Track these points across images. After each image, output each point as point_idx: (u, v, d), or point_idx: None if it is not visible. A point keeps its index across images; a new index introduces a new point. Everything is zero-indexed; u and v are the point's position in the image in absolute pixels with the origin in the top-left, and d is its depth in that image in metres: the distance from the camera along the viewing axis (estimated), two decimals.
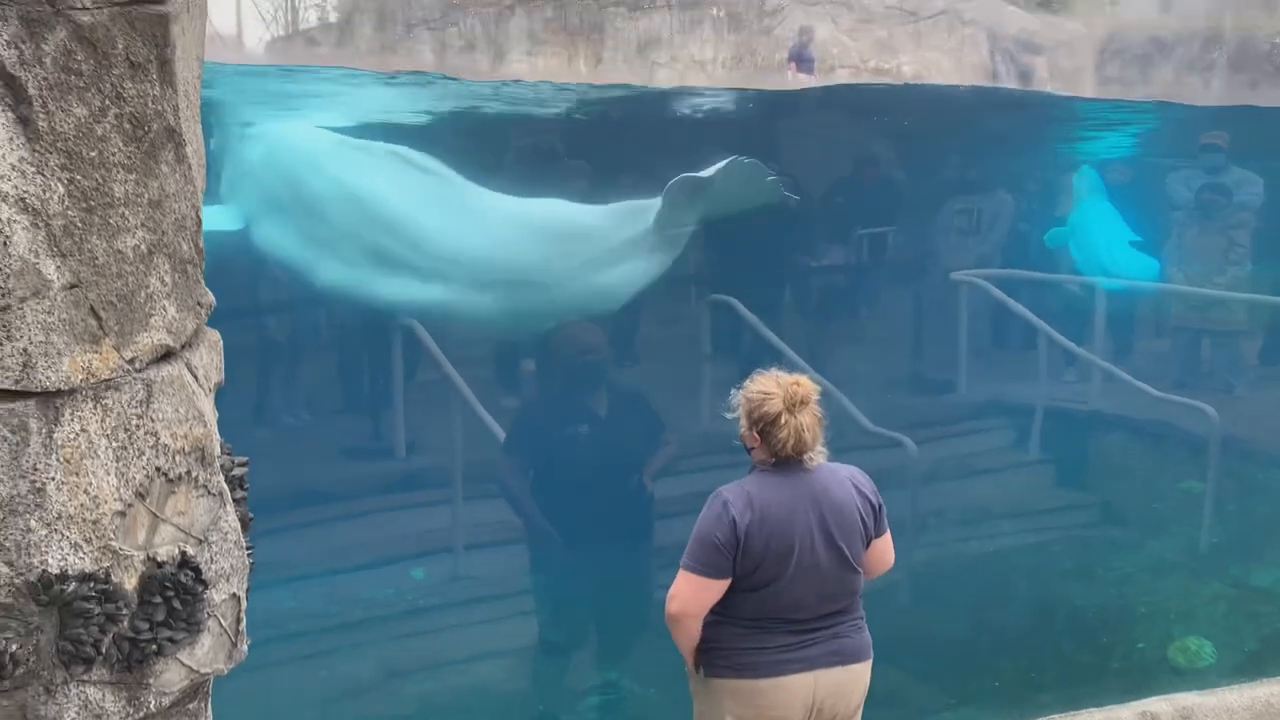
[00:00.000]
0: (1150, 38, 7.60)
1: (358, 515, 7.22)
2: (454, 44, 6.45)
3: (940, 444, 8.04)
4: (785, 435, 3.29)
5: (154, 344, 1.99)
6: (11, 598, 1.90)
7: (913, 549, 7.32)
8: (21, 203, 1.82)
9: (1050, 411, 8.24)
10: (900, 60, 7.22)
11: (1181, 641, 6.18)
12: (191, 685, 2.16)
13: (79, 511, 1.95)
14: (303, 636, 6.45)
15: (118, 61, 1.88)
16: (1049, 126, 9.28)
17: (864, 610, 3.52)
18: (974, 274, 8.30)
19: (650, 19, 6.71)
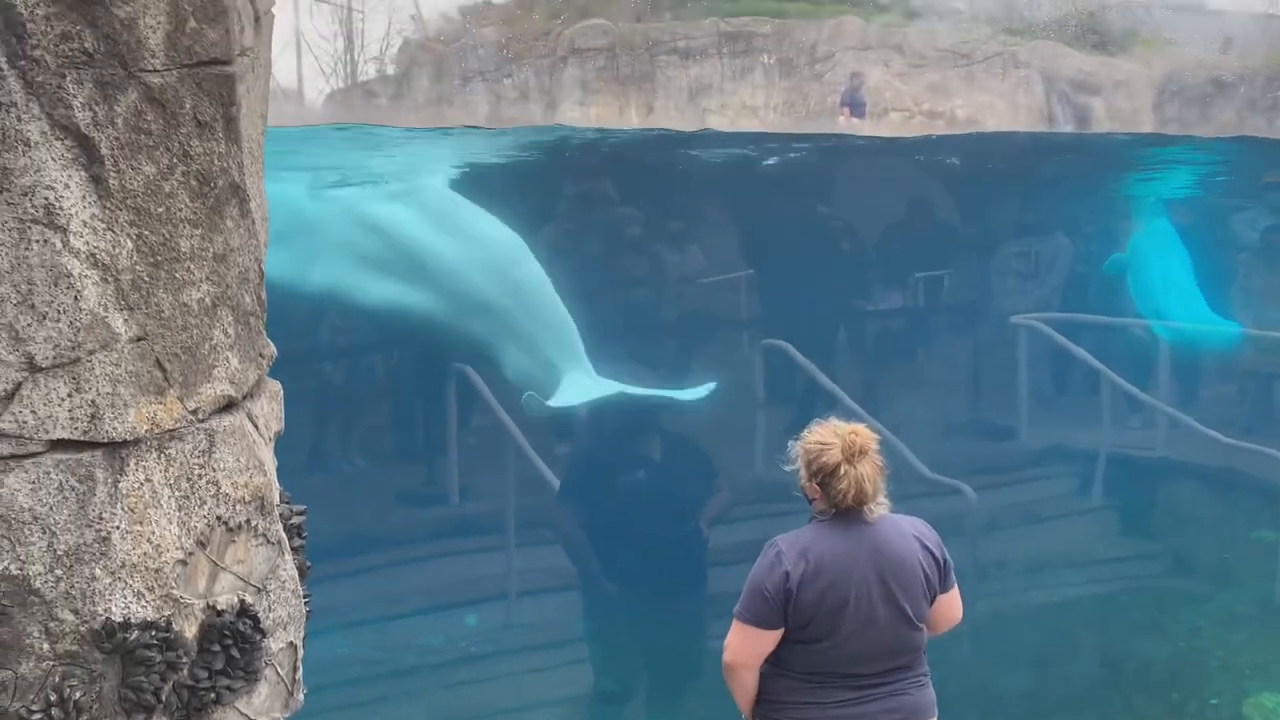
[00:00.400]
0: (1210, 77, 7.51)
1: (411, 561, 7.25)
2: (508, 95, 6.56)
3: (1001, 491, 7.89)
4: (845, 486, 3.23)
5: (217, 395, 2.02)
6: (76, 645, 1.93)
7: (974, 599, 7.16)
8: (92, 258, 1.86)
9: (1114, 458, 8.05)
10: (954, 104, 7.20)
11: (1257, 698, 5.97)
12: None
13: (142, 560, 1.98)
14: (356, 683, 6.46)
15: (185, 120, 1.93)
16: (1108, 167, 9.17)
17: (928, 666, 3.44)
18: (1033, 317, 8.19)
19: (701, 66, 6.77)
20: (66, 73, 1.81)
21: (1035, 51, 7.20)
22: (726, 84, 6.84)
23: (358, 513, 7.23)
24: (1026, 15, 7.32)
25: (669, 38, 7.45)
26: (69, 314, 1.86)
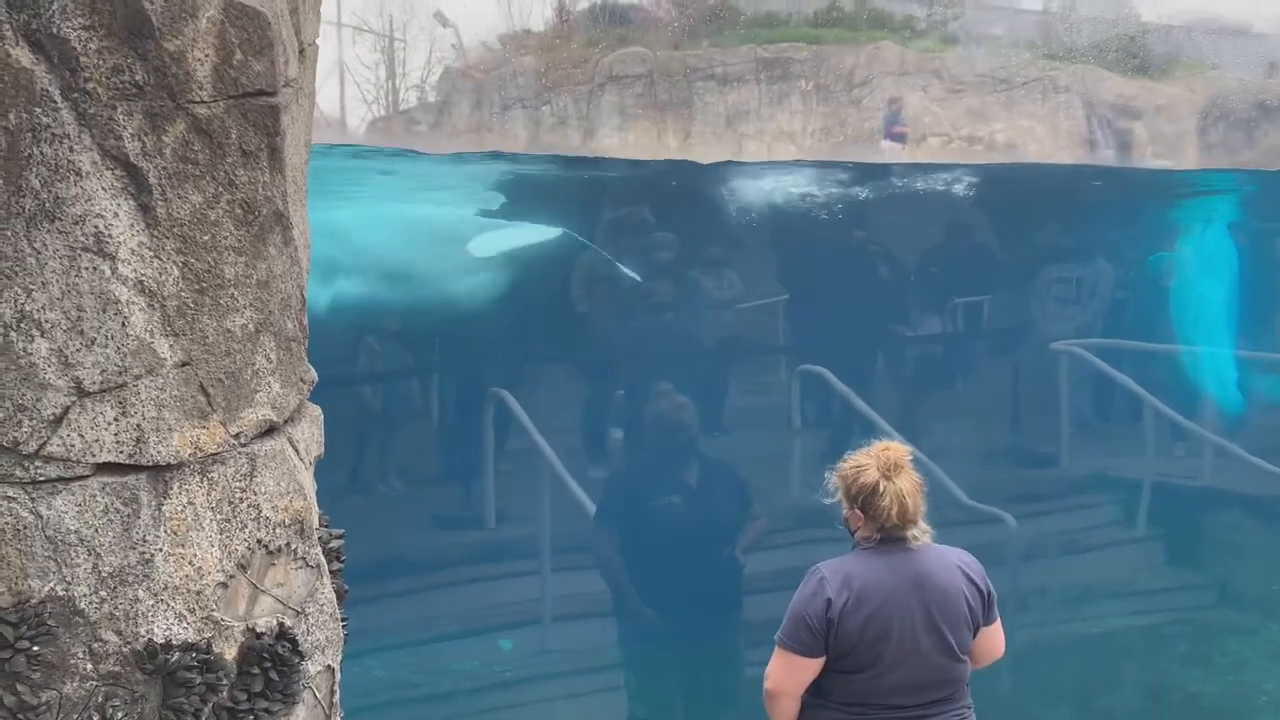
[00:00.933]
0: (1255, 102, 7.42)
1: (447, 585, 7.27)
2: (546, 121, 6.62)
3: (1041, 520, 7.79)
4: (887, 503, 3.20)
5: (259, 419, 2.05)
6: (119, 666, 1.95)
7: (1014, 630, 7.04)
8: (140, 285, 1.90)
9: (1158, 486, 7.93)
10: (993, 128, 7.16)
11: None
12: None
13: (184, 582, 2.00)
14: (392, 706, 6.47)
15: (231, 150, 1.97)
16: (1150, 195, 9.09)
17: (971, 699, 3.39)
18: (1074, 343, 8.10)
19: (738, 92, 6.79)
20: (117, 104, 1.85)
21: (1075, 76, 7.15)
22: (764, 109, 6.85)
23: (394, 536, 7.28)
24: (1066, 40, 7.28)
25: (706, 65, 7.49)
26: (116, 340, 1.89)
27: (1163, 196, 8.89)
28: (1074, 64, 7.10)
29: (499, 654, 7.09)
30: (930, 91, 7.02)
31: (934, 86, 7.05)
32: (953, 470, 7.39)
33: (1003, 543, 7.20)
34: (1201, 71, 7.47)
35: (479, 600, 7.30)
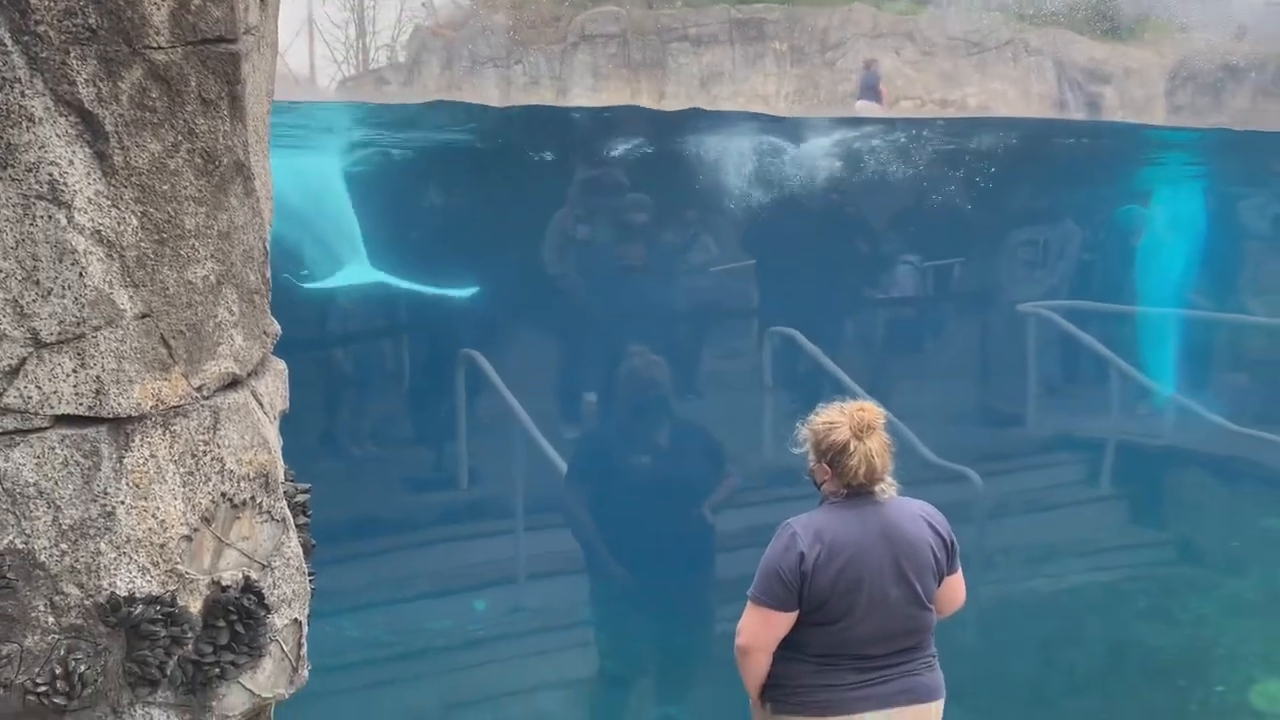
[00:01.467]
0: (1223, 64, 7.46)
1: (420, 545, 7.29)
2: (518, 81, 6.55)
3: (1007, 478, 7.89)
4: (856, 463, 3.24)
5: (221, 372, 2.04)
6: (81, 619, 1.95)
7: (980, 585, 7.17)
8: (97, 235, 1.87)
9: (1122, 446, 8.04)
10: (965, 91, 7.16)
11: (1263, 685, 5.97)
12: (253, 709, 2.18)
13: (147, 535, 1.99)
14: (365, 666, 6.50)
15: (190, 98, 1.94)
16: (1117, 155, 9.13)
17: (936, 648, 3.45)
18: (1041, 305, 8.17)
19: (713, 53, 6.74)
20: (70, 49, 1.81)
21: (1047, 38, 7.15)
22: (738, 71, 6.81)
23: (366, 497, 7.28)
24: (1037, 2, 7.27)
25: (680, 25, 7.43)
26: (74, 290, 1.87)
27: (1131, 154, 8.92)
28: (1045, 26, 7.10)
29: (472, 613, 7.13)
30: (903, 54, 7.00)
31: (907, 49, 7.03)
32: (921, 430, 7.46)
33: (969, 501, 7.28)
34: (1170, 34, 7.49)
35: (452, 560, 7.32)
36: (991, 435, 8.25)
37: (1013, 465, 8.01)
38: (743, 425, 7.91)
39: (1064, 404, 8.50)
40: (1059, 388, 8.55)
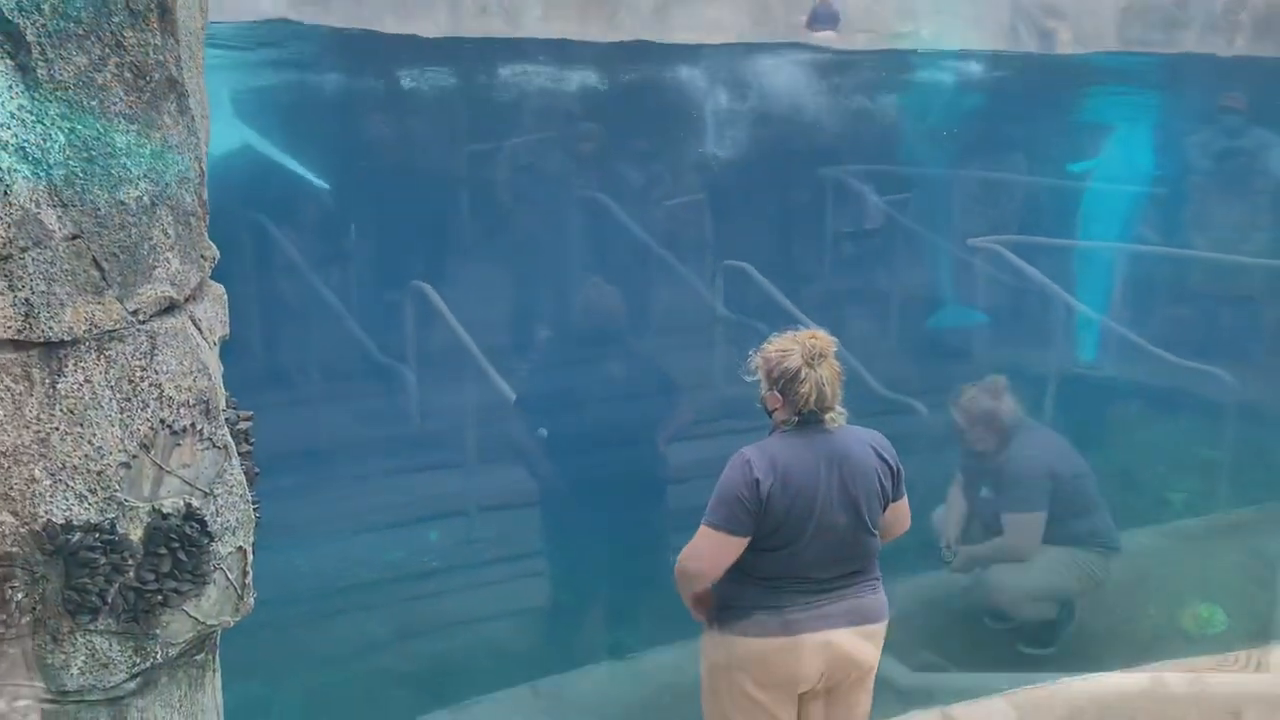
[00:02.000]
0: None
1: (371, 478, 7.27)
2: (468, 8, 6.39)
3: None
4: (807, 390, 3.31)
5: (157, 296, 1.99)
6: (17, 546, 1.92)
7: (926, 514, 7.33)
8: (21, 151, 1.81)
9: (1066, 378, 8.19)
10: (919, 24, 7.14)
11: (1193, 609, 6.18)
12: (198, 637, 2.17)
13: (83, 462, 1.96)
14: (316, 597, 6.51)
15: (117, 9, 1.86)
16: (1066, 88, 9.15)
17: (880, 572, 3.54)
18: (991, 240, 8.24)
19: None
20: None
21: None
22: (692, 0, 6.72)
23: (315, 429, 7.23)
24: None
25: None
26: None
27: (1081, 85, 8.95)
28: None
29: (425, 545, 7.13)
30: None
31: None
32: (869, 362, 7.54)
33: (916, 432, 7.39)
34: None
35: (404, 493, 7.31)
36: (939, 368, 8.34)
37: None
38: (694, 358, 7.93)
39: (1010, 337, 8.62)
40: (1006, 321, 8.65)
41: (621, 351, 6.93)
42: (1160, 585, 6.49)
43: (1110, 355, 8.41)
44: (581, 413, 6.98)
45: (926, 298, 8.66)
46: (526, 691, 5.67)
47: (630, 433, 6.93)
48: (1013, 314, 8.64)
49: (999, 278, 8.32)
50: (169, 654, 2.13)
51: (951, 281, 8.71)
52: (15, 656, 1.96)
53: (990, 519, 4.96)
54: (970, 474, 5.04)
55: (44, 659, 2.01)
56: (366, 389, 7.64)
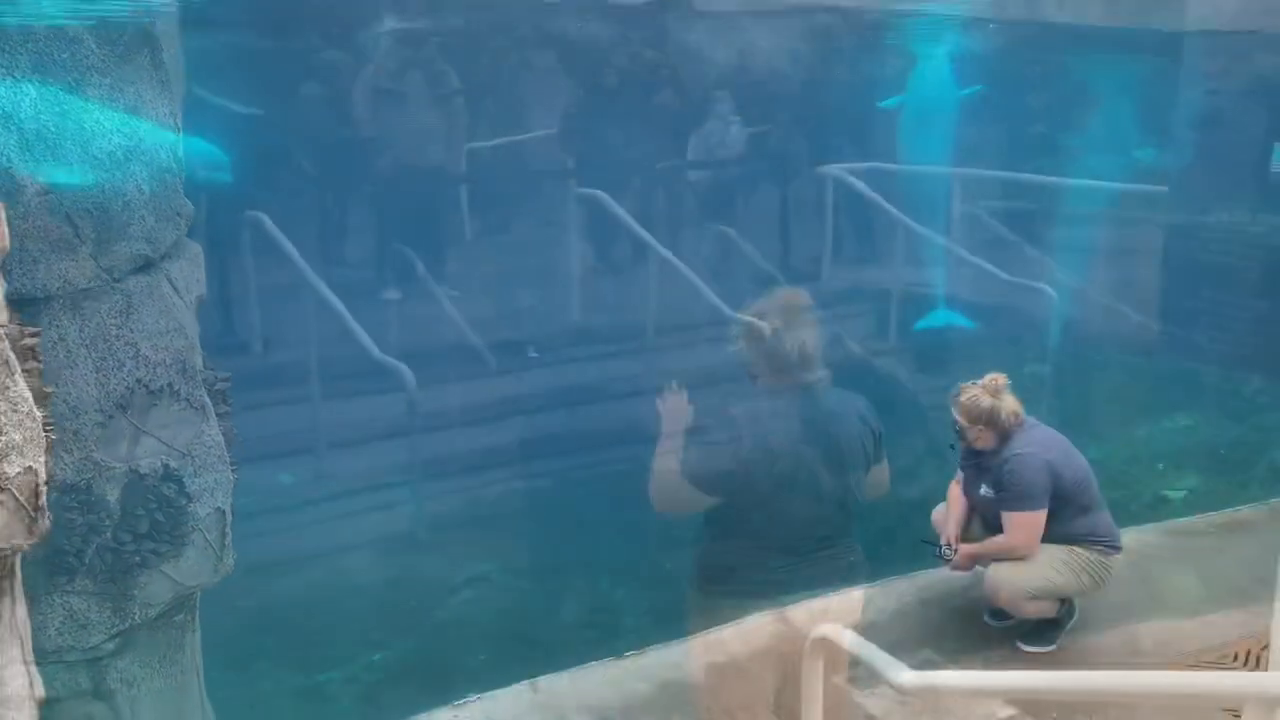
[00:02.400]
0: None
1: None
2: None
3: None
4: (789, 348, 3.40)
5: (132, 253, 1.94)
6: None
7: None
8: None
9: (907, 297, 8.64)
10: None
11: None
12: (177, 598, 2.16)
13: (59, 421, 1.91)
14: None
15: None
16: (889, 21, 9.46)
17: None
18: (839, 167, 8.56)
19: None
20: None
21: None
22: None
23: None
24: None
25: None
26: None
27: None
28: None
29: (275, 484, 6.98)
30: None
31: None
32: (722, 287, 7.76)
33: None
34: None
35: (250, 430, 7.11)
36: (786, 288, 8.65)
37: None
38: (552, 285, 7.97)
39: (856, 259, 9.01)
40: (853, 244, 9.03)
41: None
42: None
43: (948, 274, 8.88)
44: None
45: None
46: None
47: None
48: (858, 237, 9.02)
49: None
50: (148, 615, 2.12)
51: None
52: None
53: (990, 517, 4.98)
54: (969, 472, 5.14)
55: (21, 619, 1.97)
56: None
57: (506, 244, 8.28)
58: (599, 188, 7.81)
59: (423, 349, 7.33)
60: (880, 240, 8.89)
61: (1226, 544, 6.17)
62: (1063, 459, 4.80)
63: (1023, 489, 4.70)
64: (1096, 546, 4.87)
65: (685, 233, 8.45)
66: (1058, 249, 9.19)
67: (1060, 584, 4.83)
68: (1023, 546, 4.75)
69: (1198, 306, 7.95)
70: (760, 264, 8.55)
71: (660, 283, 7.75)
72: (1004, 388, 4.84)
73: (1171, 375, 8.11)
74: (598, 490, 7.16)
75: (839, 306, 8.41)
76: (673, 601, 5.72)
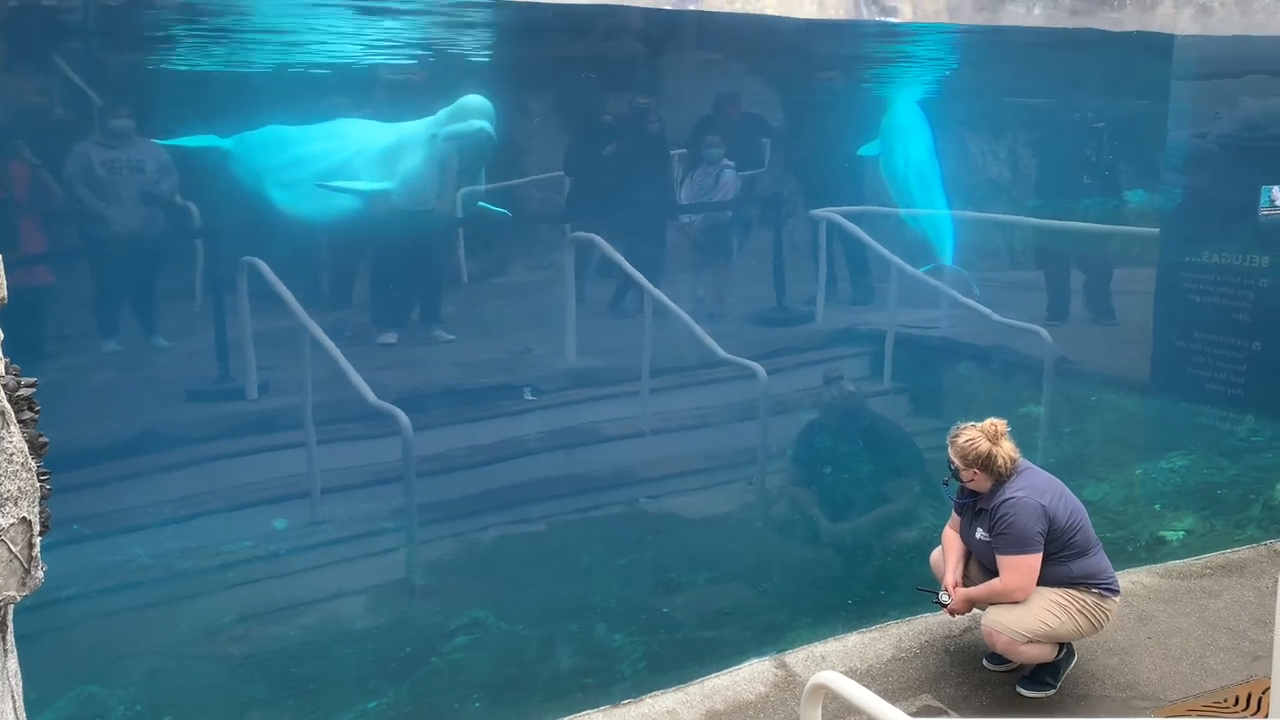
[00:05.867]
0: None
1: (209, 460, 7.03)
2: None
3: (793, 373, 8.34)
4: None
5: None
6: None
7: (766, 475, 7.68)
8: None
9: (901, 339, 8.67)
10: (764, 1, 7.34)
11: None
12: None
13: None
14: (156, 584, 6.29)
15: None
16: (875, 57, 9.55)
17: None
18: (832, 210, 8.62)
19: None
20: None
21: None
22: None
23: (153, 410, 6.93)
24: None
25: None
26: None
27: (884, 52, 9.31)
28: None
29: (269, 530, 6.96)
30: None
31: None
32: (712, 328, 7.80)
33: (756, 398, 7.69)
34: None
35: (244, 476, 7.10)
36: (781, 332, 8.69)
37: (800, 360, 8.48)
38: (547, 328, 8.00)
39: (850, 301, 9.05)
40: (846, 286, 9.07)
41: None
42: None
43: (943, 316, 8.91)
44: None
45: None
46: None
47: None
48: (852, 279, 9.05)
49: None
50: None
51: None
52: None
53: (986, 560, 5.00)
54: (965, 514, 5.14)
55: None
56: None
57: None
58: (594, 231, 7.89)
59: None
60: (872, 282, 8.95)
61: (1224, 586, 6.15)
62: (1058, 502, 4.81)
63: (1017, 533, 4.71)
64: (1094, 589, 4.87)
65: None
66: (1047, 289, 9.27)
67: (1057, 627, 4.81)
68: (1019, 590, 4.76)
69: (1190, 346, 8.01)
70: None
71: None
72: (1004, 434, 4.87)
73: (1166, 415, 8.14)
74: (594, 533, 7.16)
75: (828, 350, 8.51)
76: (670, 646, 5.71)
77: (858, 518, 7.27)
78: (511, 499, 7.39)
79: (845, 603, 6.25)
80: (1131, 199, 8.99)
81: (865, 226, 8.71)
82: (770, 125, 8.77)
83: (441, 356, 7.84)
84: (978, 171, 9.86)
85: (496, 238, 8.13)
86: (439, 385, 7.65)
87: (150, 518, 6.71)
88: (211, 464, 7.04)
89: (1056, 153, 9.39)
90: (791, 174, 8.96)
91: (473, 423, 7.61)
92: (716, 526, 7.33)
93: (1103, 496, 7.31)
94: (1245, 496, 7.39)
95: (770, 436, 7.75)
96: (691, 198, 8.45)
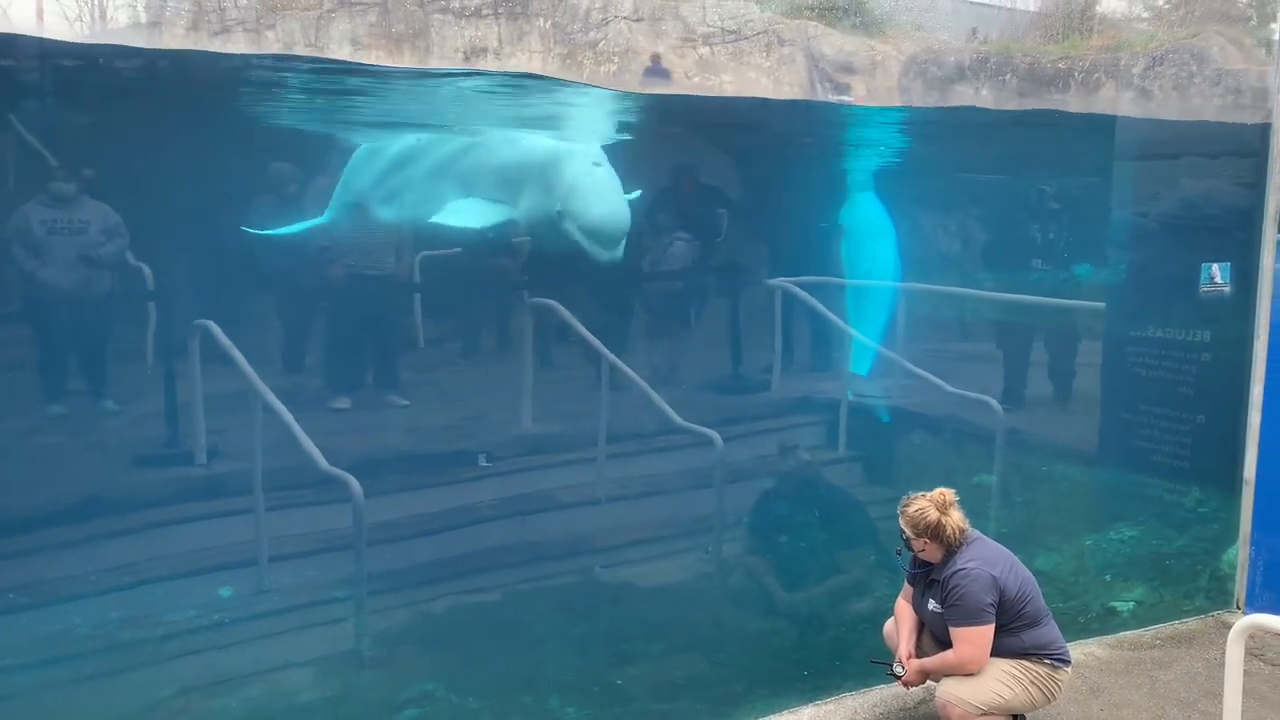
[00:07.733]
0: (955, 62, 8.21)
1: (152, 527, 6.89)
2: (271, 47, 6.20)
3: (749, 440, 8.38)
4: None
5: None
6: None
7: (723, 544, 7.67)
8: None
9: (855, 409, 8.75)
10: (722, 79, 7.49)
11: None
12: None
13: None
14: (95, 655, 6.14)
15: None
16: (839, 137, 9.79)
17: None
18: (788, 280, 8.73)
19: (477, 28, 6.67)
20: None
21: (799, 30, 7.59)
22: (504, 48, 6.78)
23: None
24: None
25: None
26: None
27: (840, 134, 9.56)
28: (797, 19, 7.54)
29: (215, 598, 6.83)
30: (665, 40, 7.21)
31: (670, 34, 7.24)
32: (671, 395, 7.82)
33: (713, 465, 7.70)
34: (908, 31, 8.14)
35: (189, 543, 6.96)
36: (738, 400, 8.74)
37: (756, 428, 8.52)
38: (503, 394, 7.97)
39: (805, 370, 9.14)
40: (801, 356, 9.17)
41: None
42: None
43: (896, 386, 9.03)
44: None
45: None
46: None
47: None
48: (807, 348, 9.16)
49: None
50: None
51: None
52: None
53: (939, 631, 5.04)
54: (917, 585, 5.16)
55: None
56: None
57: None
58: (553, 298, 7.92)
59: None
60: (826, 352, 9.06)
61: (1174, 657, 6.21)
62: (1008, 573, 4.86)
63: (969, 604, 4.75)
64: (1045, 660, 4.91)
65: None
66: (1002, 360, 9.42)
67: (1010, 699, 4.84)
68: (972, 662, 4.78)
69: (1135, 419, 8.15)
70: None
71: None
72: (953, 503, 4.94)
73: (1114, 486, 8.27)
74: (548, 603, 7.08)
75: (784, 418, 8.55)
76: (624, 719, 5.64)
77: (813, 587, 7.28)
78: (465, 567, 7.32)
79: (800, 674, 6.22)
80: (1079, 273, 9.21)
81: (820, 297, 8.84)
82: (728, 197, 8.91)
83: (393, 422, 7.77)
84: (929, 245, 10.07)
85: (451, 302, 8.14)
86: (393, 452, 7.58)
87: (90, 586, 6.55)
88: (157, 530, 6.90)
89: (1006, 227, 9.62)
90: (747, 244, 9.10)
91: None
92: (672, 596, 7.30)
93: (1054, 566, 7.38)
94: (1193, 567, 7.49)
95: (726, 504, 7.76)
96: (648, 267, 8.54)
